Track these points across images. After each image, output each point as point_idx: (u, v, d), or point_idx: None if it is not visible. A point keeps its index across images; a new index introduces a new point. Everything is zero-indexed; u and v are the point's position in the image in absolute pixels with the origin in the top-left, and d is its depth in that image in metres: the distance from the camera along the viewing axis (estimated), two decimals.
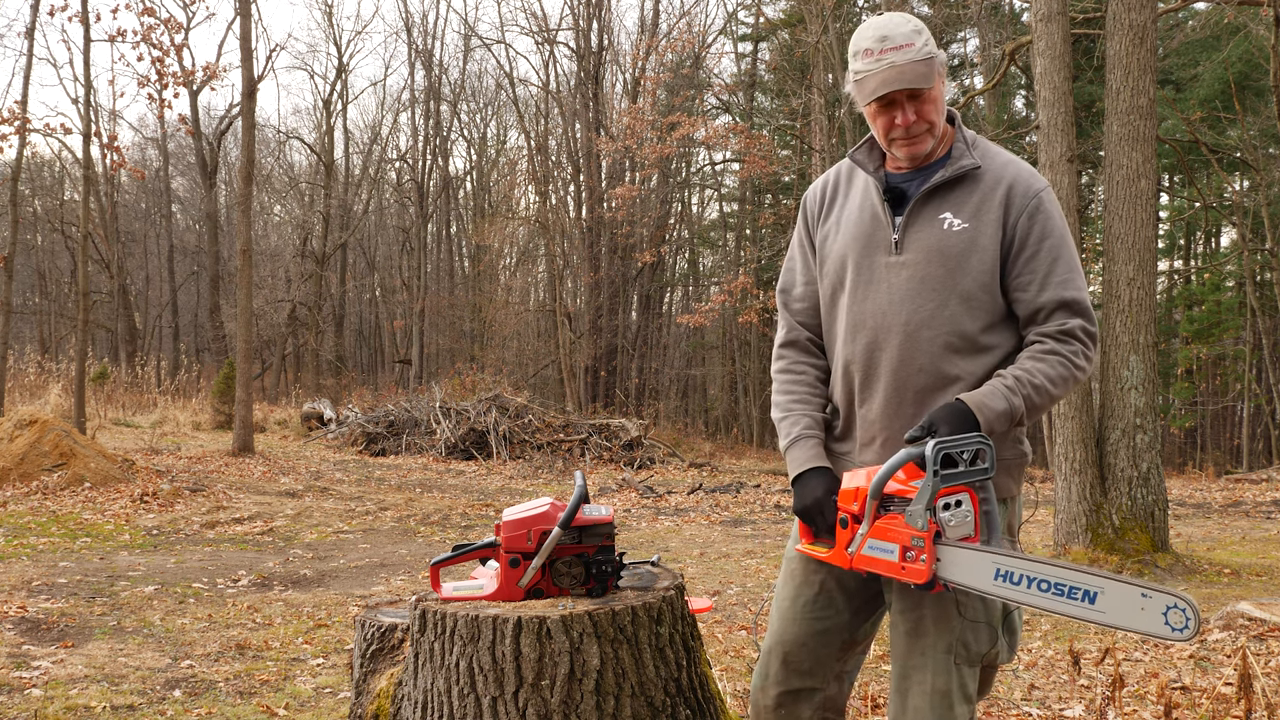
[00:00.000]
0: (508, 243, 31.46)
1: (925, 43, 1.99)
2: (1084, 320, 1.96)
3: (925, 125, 2.02)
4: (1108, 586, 1.71)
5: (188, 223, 38.80)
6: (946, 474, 1.79)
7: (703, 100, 27.65)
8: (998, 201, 1.99)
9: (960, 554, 1.80)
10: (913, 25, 1.99)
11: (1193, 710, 3.63)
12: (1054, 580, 1.74)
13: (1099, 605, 1.72)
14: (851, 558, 1.90)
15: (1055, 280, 1.94)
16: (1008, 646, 2.06)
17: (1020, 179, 2.01)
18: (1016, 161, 2.05)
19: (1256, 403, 21.20)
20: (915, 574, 1.82)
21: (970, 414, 1.86)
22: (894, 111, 2.00)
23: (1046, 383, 1.91)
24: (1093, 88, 19.52)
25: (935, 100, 2.01)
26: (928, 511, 1.78)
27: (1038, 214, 1.98)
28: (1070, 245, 1.99)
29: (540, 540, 2.19)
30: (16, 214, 17.22)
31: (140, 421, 19.78)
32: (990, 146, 2.09)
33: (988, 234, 1.98)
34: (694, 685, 2.25)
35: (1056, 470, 7.49)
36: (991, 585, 1.78)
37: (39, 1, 15.96)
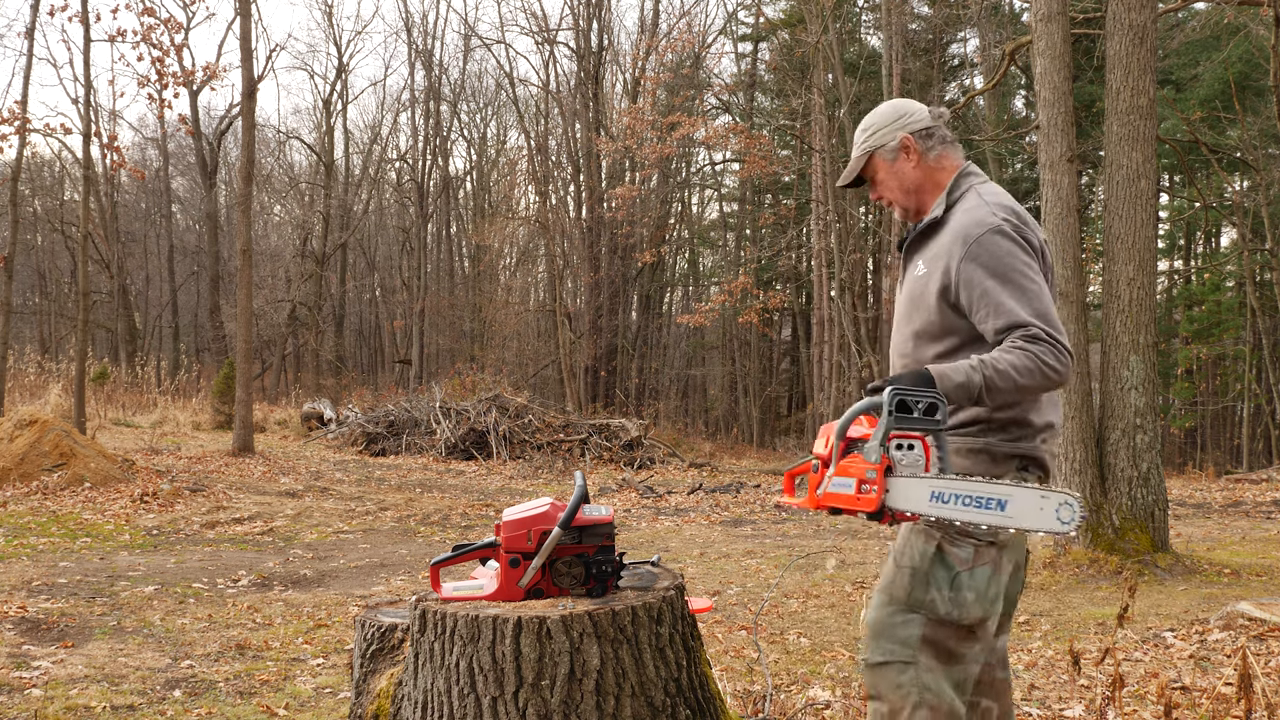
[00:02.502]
0: (508, 243, 31.47)
1: (866, 141, 2.44)
2: (1043, 326, 2.16)
3: (885, 202, 2.47)
4: (1015, 493, 1.98)
5: (188, 223, 38.79)
6: (900, 417, 2.02)
7: (703, 100, 27.64)
8: (947, 249, 2.29)
9: (902, 483, 2.03)
10: (866, 125, 2.46)
11: (1193, 710, 3.63)
12: (975, 495, 1.98)
13: (1009, 511, 1.98)
14: (819, 498, 2.10)
15: (1005, 309, 2.18)
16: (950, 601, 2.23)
17: (962, 228, 2.27)
18: (972, 209, 2.29)
19: (1256, 403, 21.19)
20: (867, 504, 2.03)
21: (930, 378, 2.13)
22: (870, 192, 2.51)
23: (1010, 369, 2.11)
24: (1093, 88, 19.51)
25: (882, 182, 2.45)
26: (881, 448, 2.02)
27: (974, 256, 2.23)
28: (1011, 272, 2.20)
29: (540, 540, 2.19)
30: (16, 214, 17.22)
31: (140, 421, 19.78)
32: (968, 196, 2.35)
33: (936, 278, 2.30)
34: (694, 685, 2.24)
35: (1056, 470, 7.50)
36: (928, 506, 2.01)
37: (39, 1, 15.96)
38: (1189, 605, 5.95)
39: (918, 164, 2.43)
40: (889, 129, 2.43)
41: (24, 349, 27.35)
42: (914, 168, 2.43)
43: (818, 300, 23.28)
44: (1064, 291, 7.39)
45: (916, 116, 2.44)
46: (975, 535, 2.22)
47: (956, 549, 2.23)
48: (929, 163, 2.43)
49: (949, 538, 2.23)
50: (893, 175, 2.44)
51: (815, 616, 6.02)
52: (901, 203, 2.46)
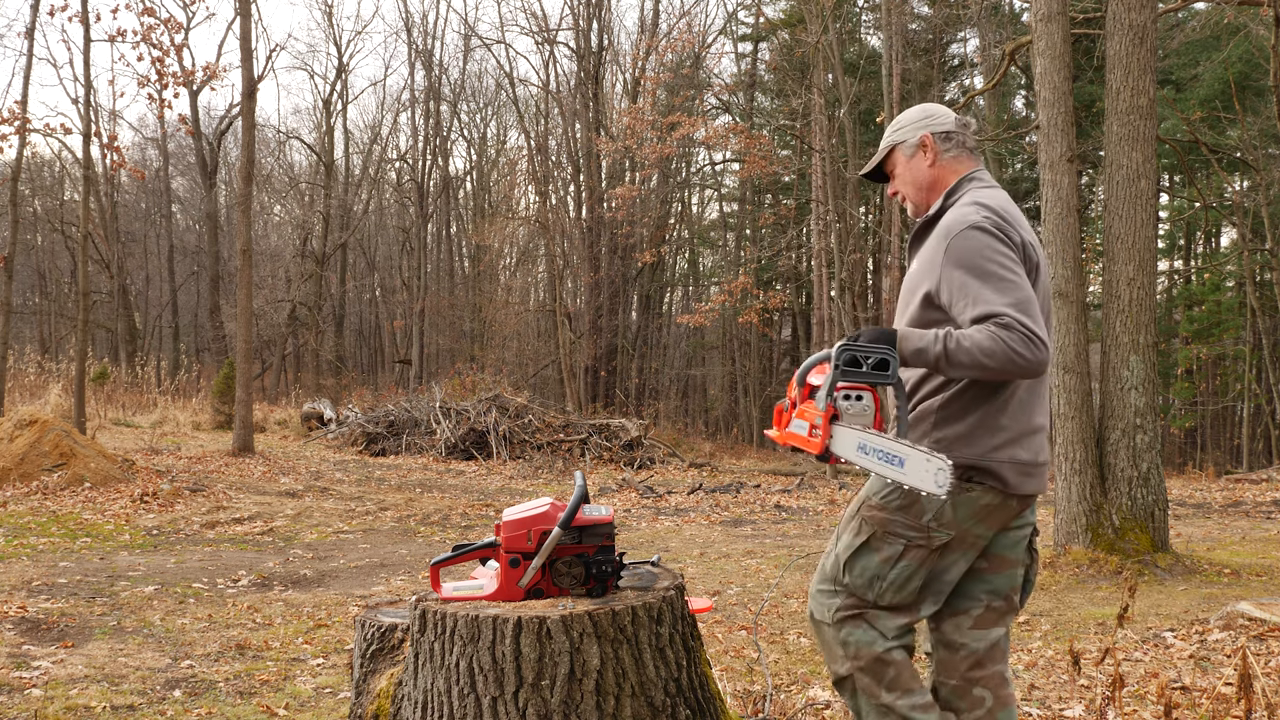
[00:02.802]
0: (508, 243, 31.47)
1: (891, 136, 2.60)
2: (1017, 315, 2.21)
3: (900, 196, 2.60)
4: (910, 454, 2.18)
5: (188, 223, 38.79)
6: (846, 371, 2.21)
7: (703, 100, 27.64)
8: (934, 249, 2.40)
9: (842, 431, 2.22)
10: (898, 121, 2.61)
11: (1193, 710, 3.63)
12: (885, 450, 2.18)
13: (905, 469, 2.18)
14: (783, 434, 2.31)
15: (981, 299, 2.25)
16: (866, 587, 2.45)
17: (946, 226, 2.39)
18: (959, 208, 2.40)
19: (1256, 403, 21.19)
20: (814, 446, 2.23)
21: (892, 338, 2.26)
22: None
23: (974, 346, 2.19)
24: (1093, 88, 19.52)
25: (899, 176, 2.60)
26: (828, 397, 2.21)
27: (953, 253, 2.33)
28: (988, 264, 2.28)
29: (540, 540, 2.19)
30: (16, 214, 17.22)
31: (140, 421, 19.78)
32: (964, 198, 2.45)
33: (924, 278, 2.41)
34: (694, 685, 2.24)
35: (1056, 470, 7.49)
36: (855, 455, 2.21)
37: (39, 1, 15.96)
38: (1189, 605, 5.95)
39: (933, 163, 2.54)
40: (913, 126, 2.57)
41: (24, 349, 27.35)
42: (929, 166, 2.55)
43: (818, 300, 23.28)
44: (1064, 291, 7.39)
45: (941, 119, 2.56)
46: (905, 535, 2.38)
47: (885, 545, 2.40)
48: (943, 163, 2.54)
49: (880, 534, 2.40)
50: (908, 170, 2.57)
51: None
52: (913, 198, 2.58)
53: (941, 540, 2.37)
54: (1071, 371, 7.33)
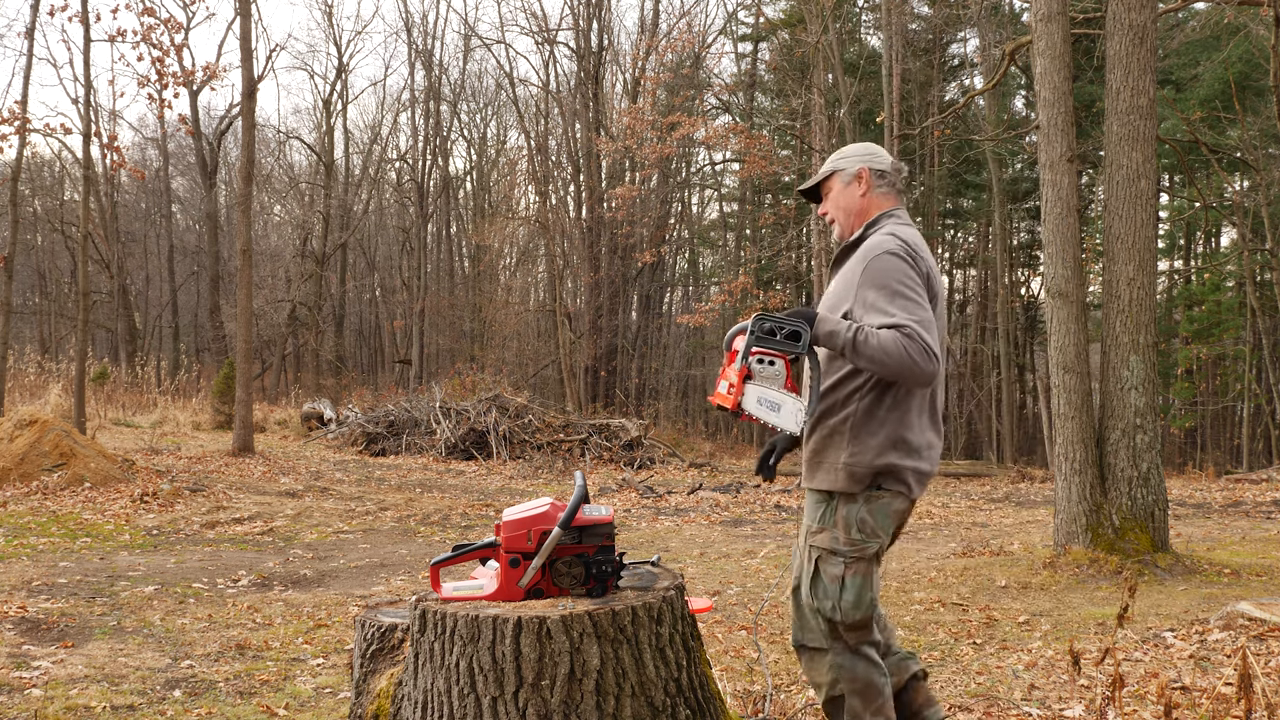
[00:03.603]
0: (508, 243, 31.46)
1: (833, 163, 2.89)
2: (919, 330, 2.52)
3: (829, 217, 2.91)
4: (784, 400, 2.52)
5: (188, 223, 38.78)
6: (761, 338, 2.52)
7: (703, 100, 27.64)
8: (852, 271, 2.70)
9: (750, 388, 2.54)
10: (842, 151, 2.91)
11: (1193, 710, 3.63)
12: (770, 399, 2.51)
13: (780, 415, 2.51)
14: (712, 395, 2.61)
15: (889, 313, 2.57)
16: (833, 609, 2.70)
17: (864, 251, 2.69)
18: (877, 238, 2.72)
19: (1256, 403, 21.18)
20: (729, 402, 2.55)
21: (811, 317, 2.56)
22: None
23: (879, 344, 2.50)
24: (1093, 88, 19.51)
25: (832, 199, 2.89)
26: (743, 360, 2.52)
27: (868, 274, 2.63)
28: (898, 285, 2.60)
29: (540, 540, 2.19)
30: (16, 214, 17.22)
31: (140, 421, 19.78)
32: (882, 229, 2.76)
33: (844, 292, 2.70)
34: (694, 685, 2.24)
35: (1056, 470, 7.49)
36: (754, 407, 2.53)
37: (39, 1, 15.96)
38: (1189, 605, 5.95)
39: (865, 194, 2.85)
40: (855, 158, 2.88)
41: (24, 349, 27.34)
42: (860, 196, 2.85)
43: (818, 300, 23.28)
44: (1064, 291, 7.39)
45: (880, 159, 2.87)
46: (842, 552, 2.66)
47: (829, 566, 2.67)
48: (873, 196, 2.85)
49: (824, 557, 2.68)
50: (842, 195, 2.88)
51: None
52: (841, 221, 2.88)
53: (873, 549, 2.67)
54: (1071, 371, 7.33)
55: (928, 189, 27.15)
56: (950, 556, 8.16)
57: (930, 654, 5.04)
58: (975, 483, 16.39)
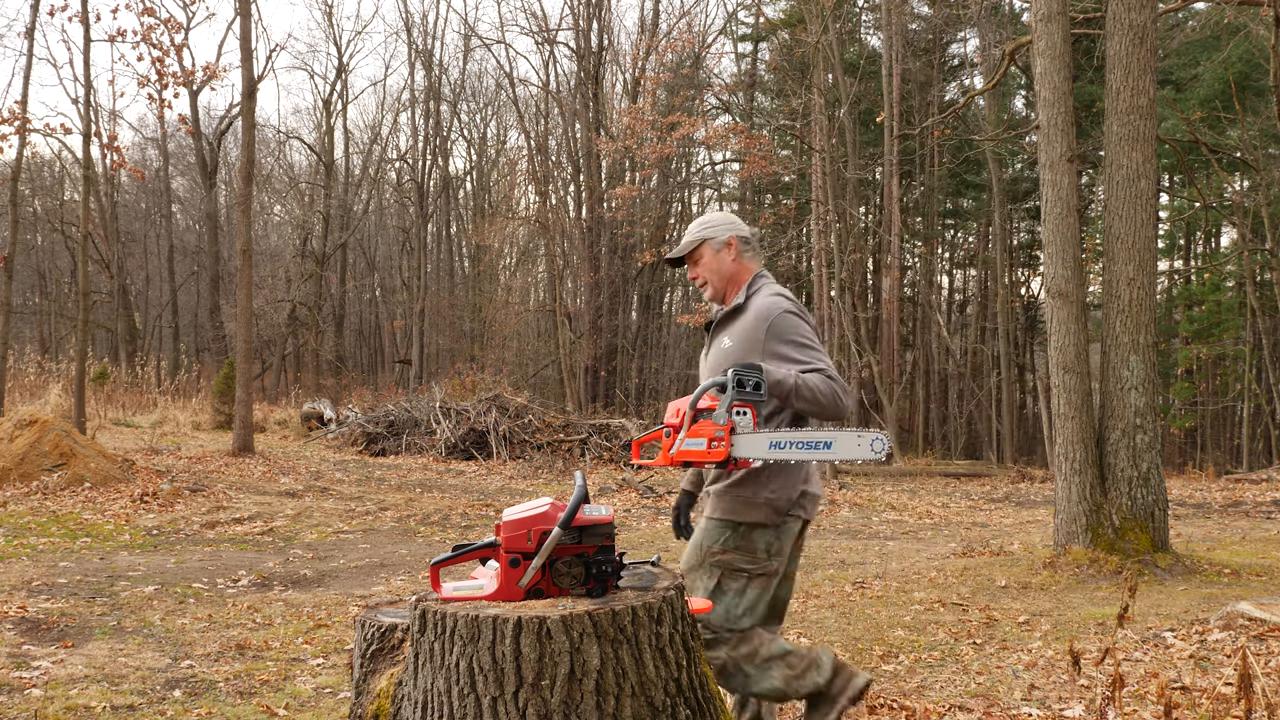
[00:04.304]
0: (508, 243, 31.45)
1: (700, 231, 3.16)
2: (833, 371, 2.89)
3: (701, 281, 3.18)
4: (837, 436, 2.68)
5: (188, 223, 38.78)
6: (738, 392, 2.69)
7: (703, 100, 27.63)
8: (752, 329, 2.99)
9: (746, 436, 2.68)
10: (703, 220, 3.20)
11: (1193, 710, 3.63)
12: (806, 440, 2.67)
13: (834, 450, 2.66)
14: (673, 455, 2.68)
15: (805, 363, 2.89)
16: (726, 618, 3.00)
17: (762, 311, 2.99)
18: (766, 299, 3.02)
19: (1256, 403, 21.18)
20: (717, 455, 2.66)
21: (760, 369, 2.77)
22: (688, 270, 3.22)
23: (815, 386, 2.83)
24: (1093, 88, 19.51)
25: (705, 265, 3.16)
26: (726, 414, 2.66)
27: (775, 331, 2.95)
28: (804, 339, 2.95)
29: (540, 540, 2.19)
30: (16, 214, 17.22)
31: (140, 421, 19.78)
32: (761, 290, 3.08)
33: (742, 352, 2.97)
34: (694, 685, 2.24)
35: (1056, 470, 7.49)
36: (768, 452, 2.66)
37: (39, 1, 15.96)
38: (1189, 605, 5.95)
39: (735, 259, 3.15)
40: (723, 227, 3.16)
41: (24, 349, 27.34)
42: (731, 261, 3.15)
43: (818, 300, 23.26)
44: (1064, 291, 7.39)
45: (742, 227, 3.18)
46: (746, 569, 2.96)
47: (733, 581, 2.97)
48: (741, 262, 3.16)
49: (728, 573, 2.97)
50: (715, 261, 3.15)
51: (815, 616, 6.02)
52: (715, 285, 3.16)
53: (774, 566, 2.98)
54: (1071, 371, 7.33)
55: (928, 189, 27.16)
56: (950, 556, 8.16)
57: (930, 654, 5.04)
58: (975, 483, 16.39)
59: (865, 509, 12.18)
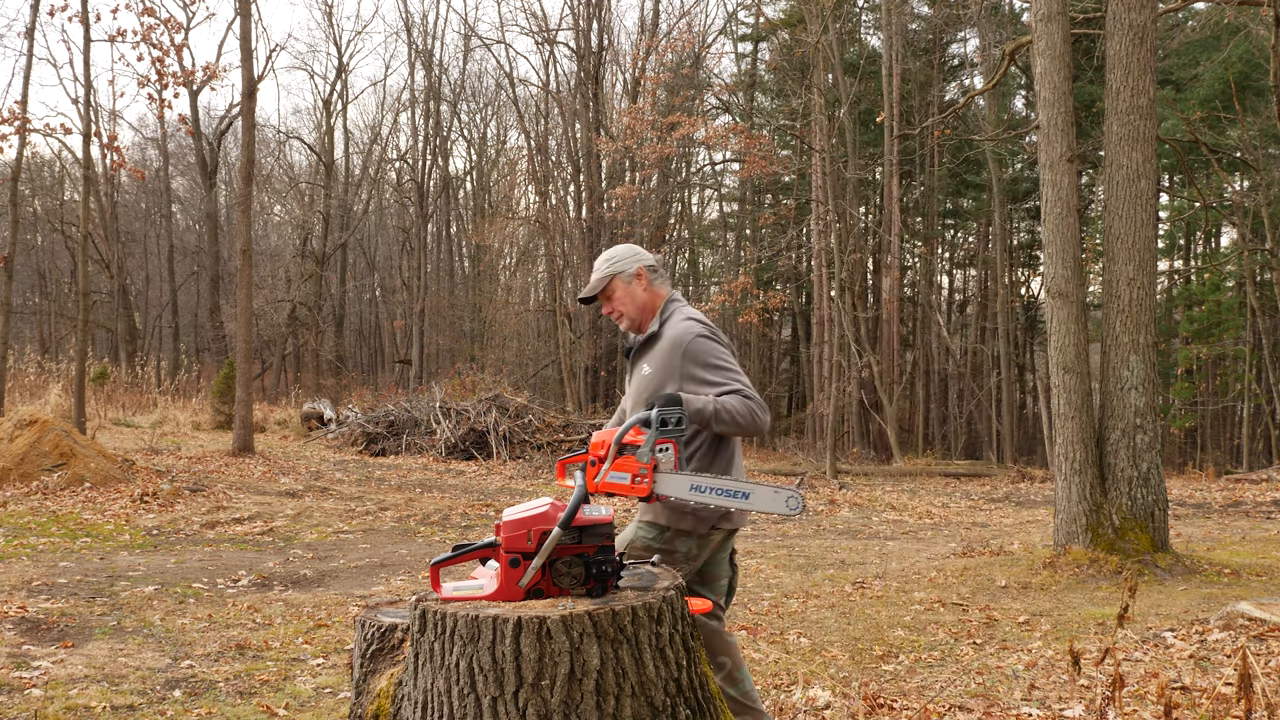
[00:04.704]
0: (508, 243, 31.44)
1: (609, 267, 3.23)
2: (750, 390, 3.01)
3: (618, 314, 3.24)
4: (755, 489, 2.74)
5: (188, 223, 38.78)
6: (661, 430, 2.75)
7: (703, 100, 27.63)
8: (668, 355, 3.09)
9: (667, 476, 2.75)
10: (608, 256, 3.25)
11: (1193, 710, 3.63)
12: (724, 488, 2.72)
13: (751, 501, 2.72)
14: (597, 484, 2.76)
15: (722, 385, 3.01)
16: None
17: (676, 337, 3.09)
18: (679, 324, 3.12)
19: (1256, 403, 21.18)
20: (641, 490, 2.75)
21: (680, 400, 2.87)
22: (603, 306, 3.27)
23: (732, 408, 2.96)
24: (1093, 88, 19.51)
25: (619, 299, 3.22)
26: (650, 452, 2.74)
27: (691, 356, 3.06)
28: (720, 361, 3.06)
29: (540, 540, 2.19)
30: (16, 214, 17.22)
31: (140, 421, 19.78)
32: (674, 316, 3.18)
33: (661, 377, 3.08)
34: (694, 685, 2.24)
35: (1057, 470, 7.49)
36: (688, 494, 2.73)
37: (39, 1, 15.96)
38: (1189, 605, 5.95)
39: (646, 289, 3.22)
40: (629, 260, 3.23)
41: (24, 349, 27.34)
42: (643, 290, 3.22)
43: (818, 300, 23.26)
44: (1064, 291, 7.39)
45: (647, 256, 3.25)
46: (676, 562, 3.02)
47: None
48: (653, 290, 3.23)
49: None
50: (628, 294, 3.22)
51: (815, 616, 6.02)
52: (631, 316, 3.22)
53: (686, 570, 3.06)
54: (1071, 371, 7.33)
55: (928, 189, 27.16)
56: (950, 556, 8.16)
57: (930, 654, 5.04)
58: (975, 483, 16.39)
59: (865, 509, 12.18)
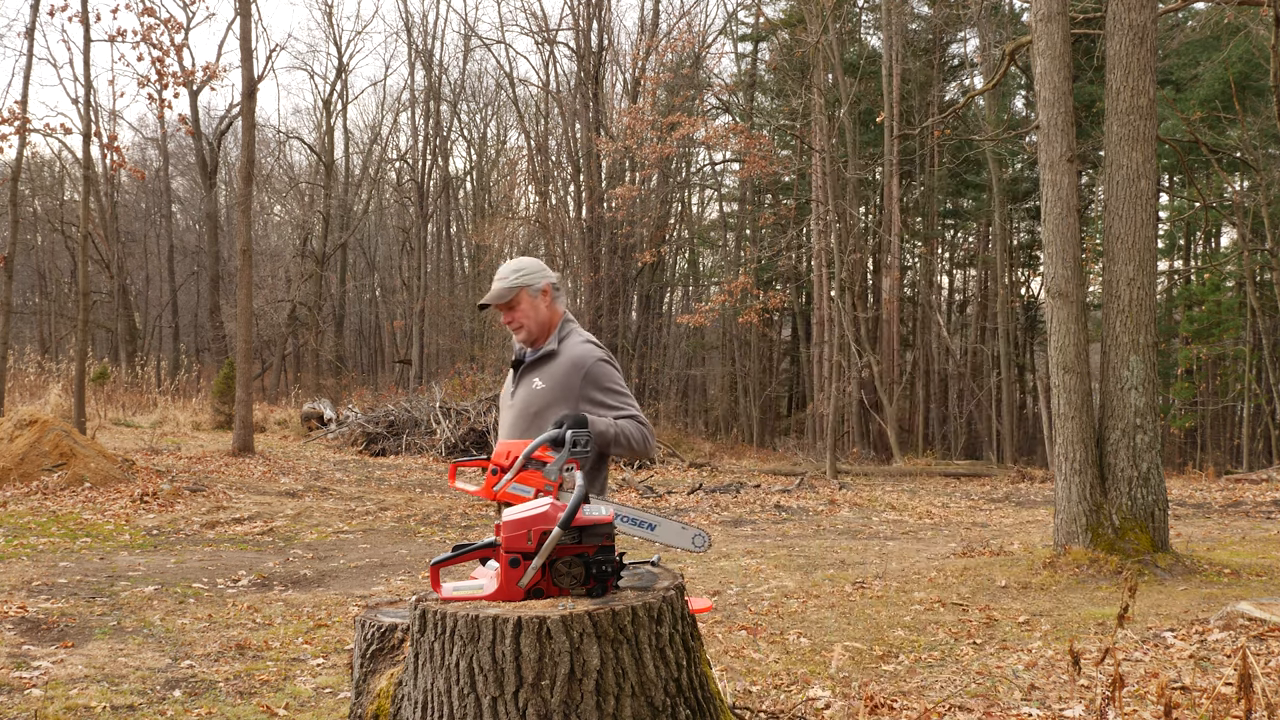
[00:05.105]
0: (508, 243, 31.44)
1: (516, 278, 3.26)
2: (643, 416, 3.18)
3: (518, 325, 3.28)
4: (661, 522, 2.81)
5: (188, 223, 38.78)
6: (572, 451, 2.84)
7: (703, 100, 27.63)
8: (565, 373, 3.19)
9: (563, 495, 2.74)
10: (515, 266, 3.29)
11: (1193, 710, 3.63)
12: (631, 516, 2.76)
13: (656, 533, 2.79)
14: (497, 492, 2.84)
15: (619, 408, 3.14)
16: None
17: (576, 358, 3.20)
18: (578, 346, 3.23)
19: (1256, 403, 21.18)
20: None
21: (587, 423, 2.97)
22: (502, 315, 3.30)
23: (630, 435, 3.11)
24: (1093, 88, 19.51)
25: (524, 311, 3.26)
26: (558, 471, 2.82)
27: (590, 378, 3.17)
28: (617, 385, 3.19)
29: (540, 540, 2.19)
30: (16, 214, 17.21)
31: (140, 421, 19.78)
32: (571, 337, 3.28)
33: (557, 392, 3.17)
34: (694, 685, 2.24)
35: (1057, 470, 7.49)
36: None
37: (39, 1, 15.96)
38: (1189, 605, 5.95)
39: (549, 305, 3.29)
40: (537, 274, 3.29)
41: (24, 349, 27.33)
42: (546, 307, 3.29)
43: (818, 300, 23.26)
44: (1064, 292, 7.39)
45: (550, 273, 3.34)
46: None
47: None
48: (554, 308, 3.31)
49: None
50: (533, 308, 3.28)
51: (815, 616, 6.02)
52: (531, 330, 3.28)
53: None
54: (1071, 371, 7.33)
55: (928, 189, 27.16)
56: (950, 556, 8.16)
57: (930, 654, 5.04)
58: (975, 483, 16.39)
59: (865, 509, 12.18)
